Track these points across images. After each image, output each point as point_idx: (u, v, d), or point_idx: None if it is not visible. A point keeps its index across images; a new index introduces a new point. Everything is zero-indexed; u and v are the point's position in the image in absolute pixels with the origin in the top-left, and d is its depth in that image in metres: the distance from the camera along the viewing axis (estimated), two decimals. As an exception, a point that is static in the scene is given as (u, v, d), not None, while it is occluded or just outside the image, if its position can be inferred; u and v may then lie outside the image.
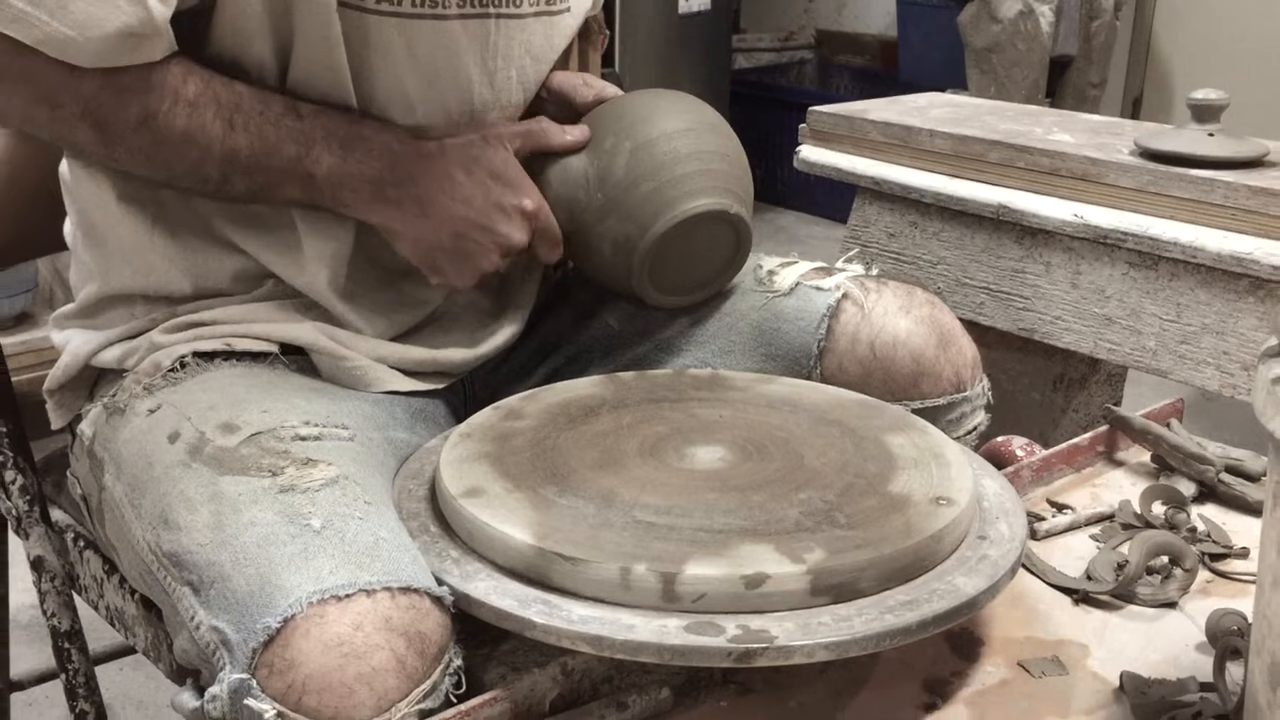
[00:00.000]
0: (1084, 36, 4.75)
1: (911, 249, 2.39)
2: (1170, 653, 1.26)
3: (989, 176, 2.28)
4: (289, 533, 1.16)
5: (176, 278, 1.48)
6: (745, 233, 1.57)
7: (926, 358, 1.56)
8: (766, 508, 1.22)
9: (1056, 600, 1.35)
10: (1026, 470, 1.55)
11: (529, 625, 1.11)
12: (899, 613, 1.12)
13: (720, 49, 5.45)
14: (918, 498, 1.24)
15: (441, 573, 1.17)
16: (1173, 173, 2.05)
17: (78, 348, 1.51)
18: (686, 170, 1.52)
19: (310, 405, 1.37)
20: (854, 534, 1.17)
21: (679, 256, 1.55)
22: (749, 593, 1.11)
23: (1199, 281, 2.01)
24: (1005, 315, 2.27)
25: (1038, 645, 1.27)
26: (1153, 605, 1.34)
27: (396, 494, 1.32)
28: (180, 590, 1.21)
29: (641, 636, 1.08)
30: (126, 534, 1.33)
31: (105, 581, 1.53)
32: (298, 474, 1.24)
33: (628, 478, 1.27)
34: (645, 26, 4.90)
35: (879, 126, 2.44)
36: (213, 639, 1.15)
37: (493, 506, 1.21)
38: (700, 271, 1.60)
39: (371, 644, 1.09)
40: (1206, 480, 1.55)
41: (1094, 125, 2.44)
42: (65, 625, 1.58)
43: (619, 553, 1.13)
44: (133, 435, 1.37)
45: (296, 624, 1.09)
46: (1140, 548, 1.36)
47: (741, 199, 1.57)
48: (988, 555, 1.21)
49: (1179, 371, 2.06)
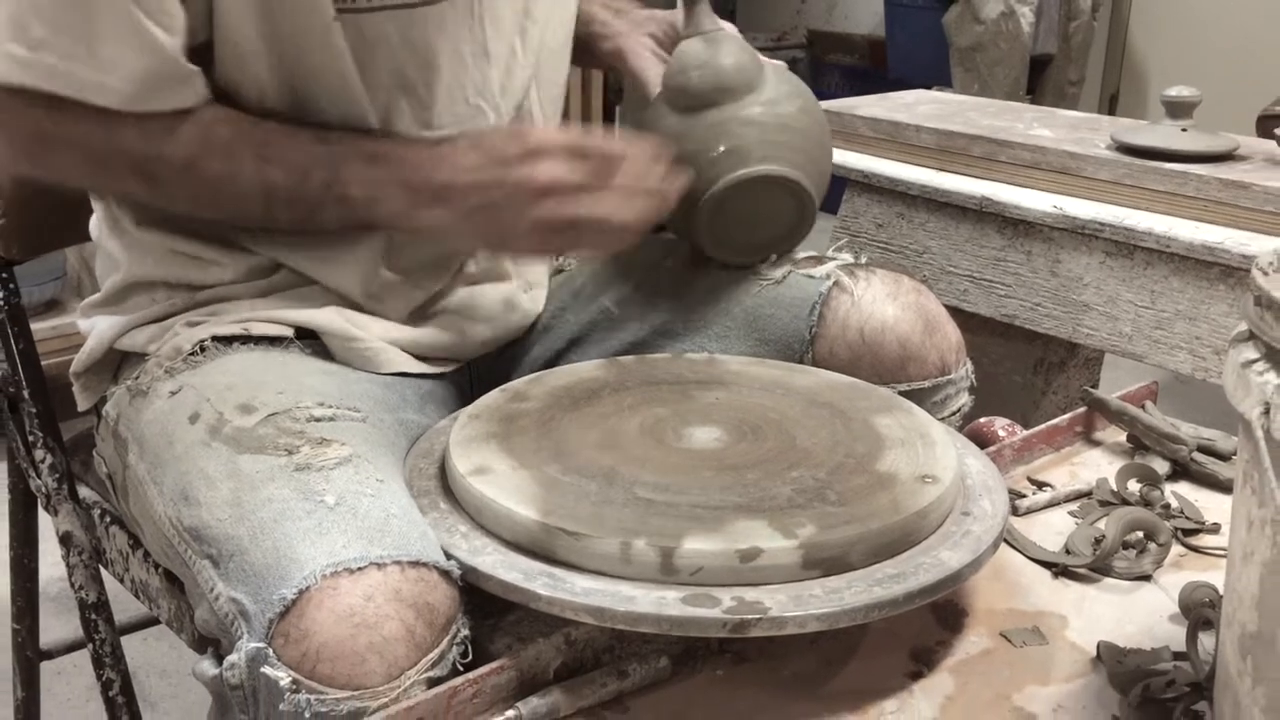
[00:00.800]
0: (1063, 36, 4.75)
1: (899, 239, 2.39)
2: (1145, 624, 1.26)
3: (973, 170, 2.28)
4: (304, 509, 1.17)
5: (195, 272, 1.48)
6: (810, 205, 1.58)
7: (913, 343, 1.56)
8: (760, 485, 1.21)
9: (1037, 574, 1.35)
10: (1008, 450, 1.55)
11: (534, 597, 1.11)
12: (887, 585, 1.12)
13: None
14: (904, 476, 1.24)
15: (451, 547, 1.17)
16: (1148, 166, 2.06)
17: (102, 332, 1.51)
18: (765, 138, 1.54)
19: (324, 387, 1.37)
20: (844, 510, 1.17)
21: (740, 216, 1.56)
22: (744, 566, 1.11)
23: (1172, 270, 2.01)
24: (988, 302, 2.27)
25: (1019, 616, 1.27)
26: (1128, 578, 1.34)
27: (408, 472, 1.32)
28: (200, 563, 1.22)
29: (641, 608, 1.08)
30: (149, 510, 1.33)
31: (130, 556, 1.53)
32: (313, 453, 1.24)
33: (628, 457, 1.27)
34: (643, 27, 4.87)
35: (868, 122, 2.44)
36: (231, 609, 1.15)
37: (499, 484, 1.21)
38: (761, 234, 1.61)
39: (382, 614, 1.09)
40: (1180, 459, 1.55)
41: (1073, 121, 2.44)
42: (92, 597, 1.58)
43: (620, 528, 1.13)
44: (155, 416, 1.37)
45: (311, 595, 1.09)
46: (1116, 523, 1.36)
47: (810, 174, 1.57)
48: (971, 530, 1.21)
49: (1153, 355, 2.06)
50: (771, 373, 1.47)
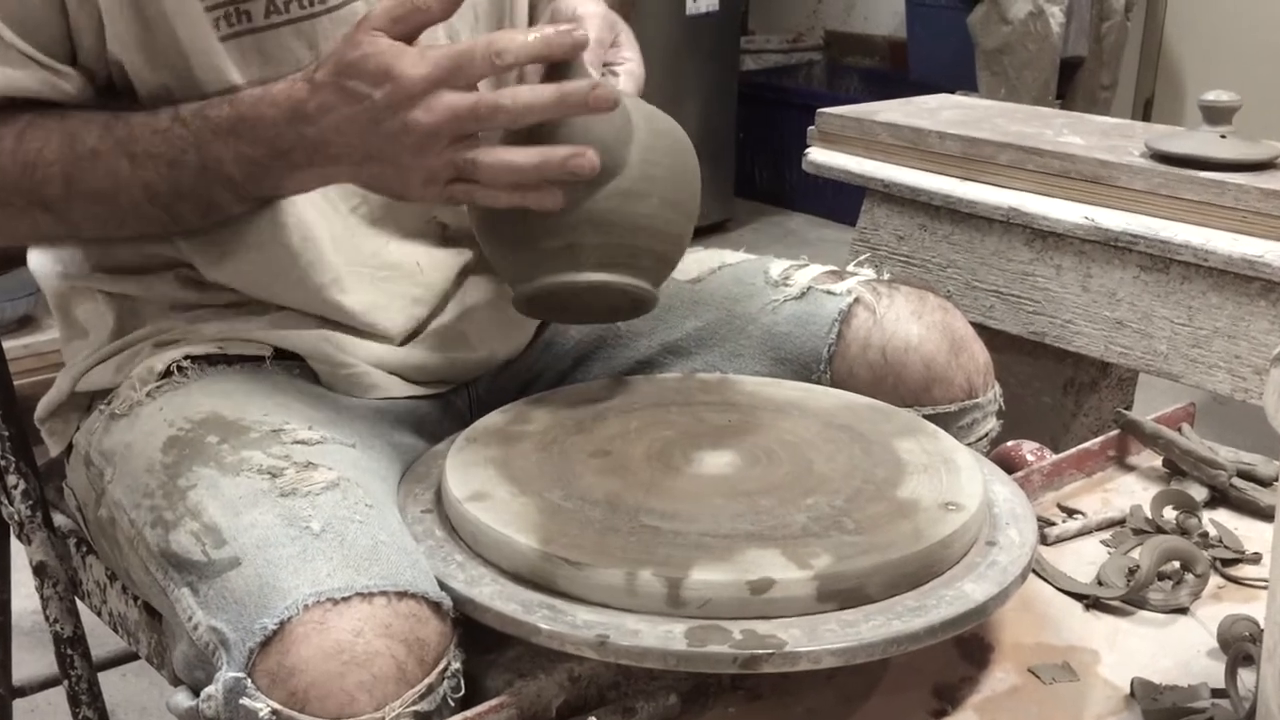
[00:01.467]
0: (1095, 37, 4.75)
1: (921, 252, 2.39)
2: (1182, 659, 1.26)
3: (999, 179, 2.28)
4: (288, 535, 1.17)
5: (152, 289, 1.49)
6: (648, 300, 1.41)
7: (938, 364, 1.56)
8: (774, 513, 1.21)
9: (1067, 606, 1.35)
10: (1037, 475, 1.55)
11: (534, 631, 1.11)
12: (907, 619, 1.12)
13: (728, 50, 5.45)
14: (926, 503, 1.24)
15: (446, 577, 1.17)
16: (1184, 175, 2.05)
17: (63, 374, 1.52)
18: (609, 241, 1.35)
19: (312, 410, 1.38)
20: (862, 539, 1.17)
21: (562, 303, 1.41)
22: (755, 598, 1.10)
23: (1210, 285, 2.01)
24: (1015, 319, 2.27)
25: (1048, 651, 1.27)
26: (1164, 611, 1.34)
27: (401, 498, 1.32)
28: (179, 592, 1.22)
29: (647, 642, 1.08)
30: (126, 536, 1.33)
31: (108, 587, 1.53)
32: (298, 477, 1.24)
33: (634, 482, 1.27)
34: (653, 27, 4.89)
35: (888, 128, 2.44)
36: (211, 639, 1.16)
37: (498, 510, 1.21)
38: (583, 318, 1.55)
39: (372, 650, 1.09)
40: (1218, 485, 1.55)
41: (1105, 127, 2.44)
42: (68, 631, 1.58)
43: (624, 558, 1.13)
44: (132, 439, 1.37)
45: (296, 630, 1.09)
46: (1151, 553, 1.36)
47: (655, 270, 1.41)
48: (997, 561, 1.21)
49: (1190, 375, 2.06)
50: (787, 394, 1.47)
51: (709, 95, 5.19)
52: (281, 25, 1.37)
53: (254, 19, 1.36)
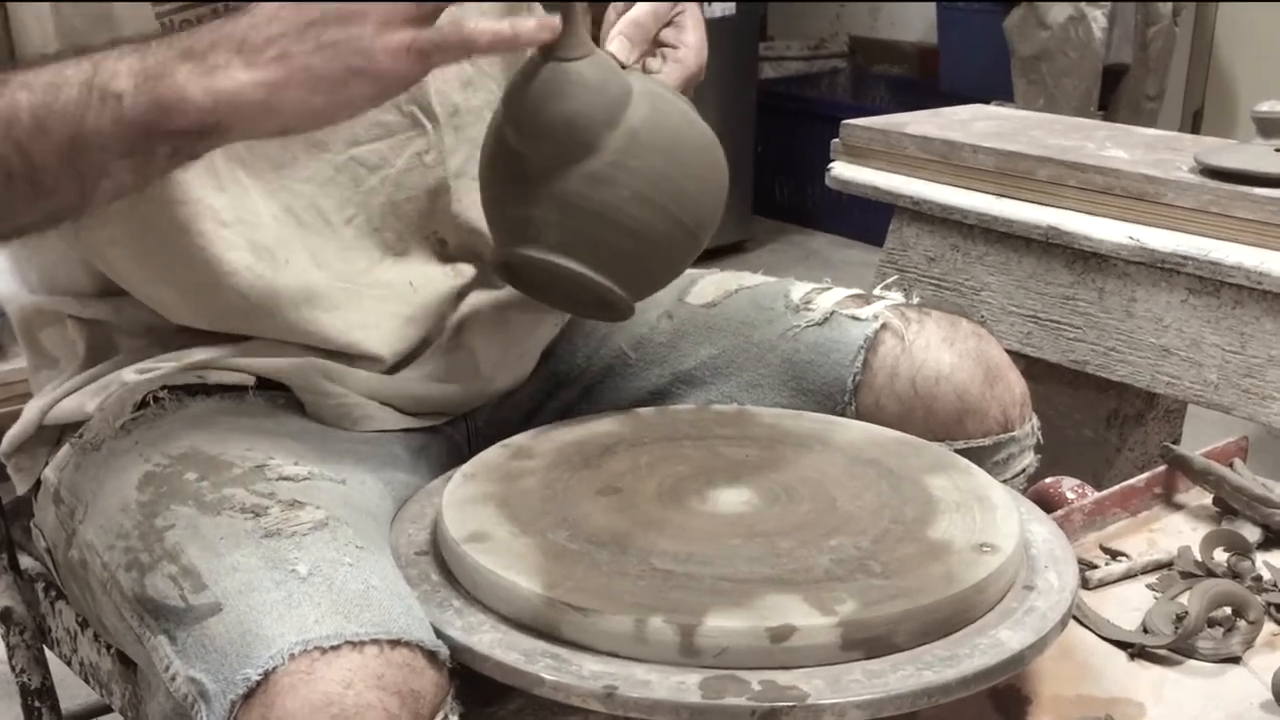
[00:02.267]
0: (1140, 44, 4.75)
1: (953, 274, 2.39)
2: (1234, 711, 1.26)
3: (1037, 196, 2.28)
4: (273, 579, 1.16)
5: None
6: (618, 304, 1.39)
7: (972, 395, 1.56)
8: (795, 555, 1.22)
9: (1110, 655, 1.35)
10: (1078, 514, 1.55)
11: (537, 681, 1.11)
12: (938, 669, 1.12)
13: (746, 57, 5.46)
14: (959, 544, 1.24)
15: (443, 624, 1.17)
16: (1236, 191, 2.05)
17: (30, 407, 1.52)
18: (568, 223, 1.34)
19: (298, 443, 1.38)
20: (889, 583, 1.17)
21: (537, 280, 1.42)
22: (775, 647, 1.11)
23: (1265, 310, 2.00)
24: (1055, 346, 2.27)
25: (1090, 704, 1.27)
26: (1214, 660, 1.34)
27: (394, 539, 1.32)
28: (155, 640, 1.22)
29: (658, 694, 1.08)
30: (99, 580, 1.33)
31: (79, 635, 1.53)
32: (283, 516, 1.24)
33: (645, 522, 1.27)
34: (665, 33, 4.89)
35: (918, 141, 2.44)
36: (190, 690, 1.15)
37: (498, 553, 1.21)
38: (561, 302, 1.52)
39: (363, 703, 1.08)
40: (1273, 524, 1.55)
41: (1151, 140, 2.44)
42: (35, 682, 1.58)
43: (634, 603, 1.13)
44: (105, 475, 1.37)
45: (281, 681, 1.09)
46: (1201, 598, 1.36)
47: (628, 269, 1.38)
48: (1035, 606, 1.21)
49: (1243, 407, 2.06)
50: (809, 427, 1.48)
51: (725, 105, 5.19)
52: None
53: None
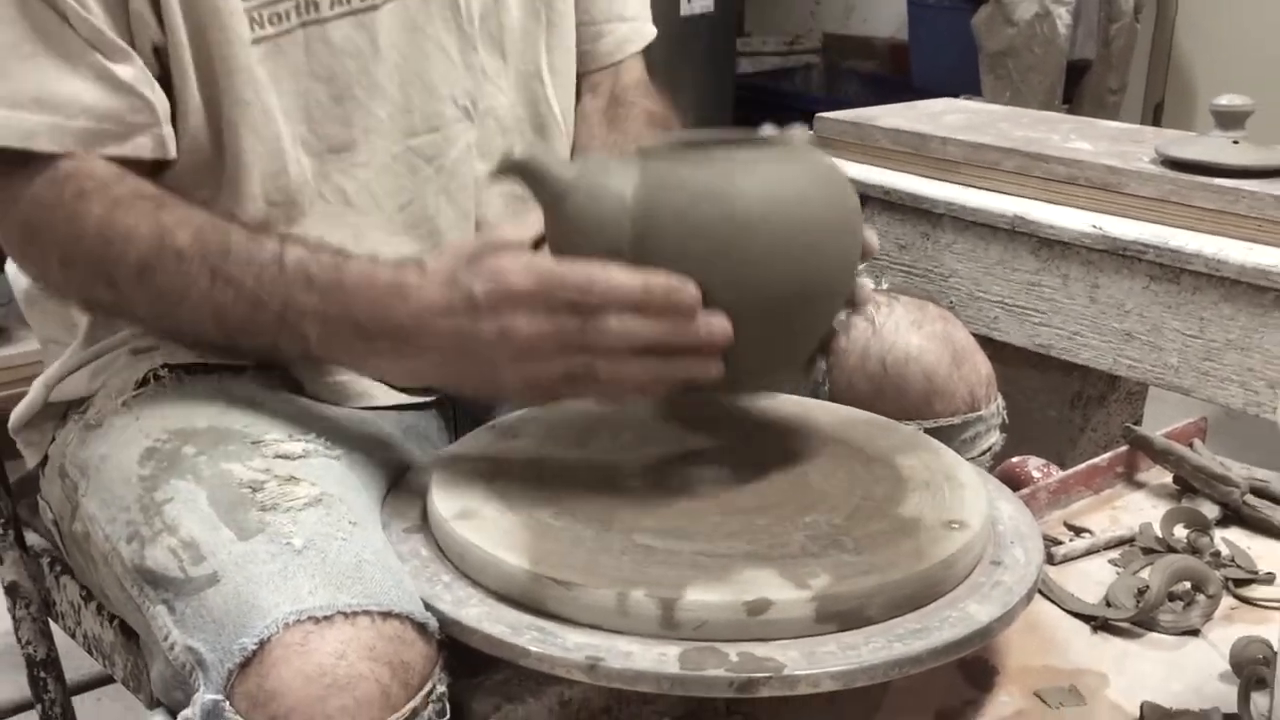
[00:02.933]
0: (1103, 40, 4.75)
1: (923, 261, 2.39)
2: (1193, 682, 1.26)
3: (1004, 186, 2.28)
4: (269, 552, 1.16)
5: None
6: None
7: (939, 375, 1.56)
8: (771, 531, 1.21)
9: (1074, 628, 1.35)
10: (1043, 492, 1.55)
11: (522, 653, 1.11)
12: (908, 641, 1.12)
13: (724, 52, 5.44)
14: (929, 521, 1.23)
15: (432, 598, 1.17)
16: (1196, 182, 2.06)
17: (36, 384, 1.52)
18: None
19: (294, 420, 1.37)
20: (862, 559, 1.17)
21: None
22: (751, 620, 1.10)
23: (1223, 295, 2.01)
24: (1021, 330, 2.27)
25: (1054, 674, 1.27)
26: (1174, 633, 1.34)
27: (386, 515, 1.32)
28: (155, 609, 1.21)
29: (640, 665, 1.08)
30: (100, 552, 1.33)
31: (82, 608, 1.53)
32: (280, 491, 1.23)
33: (627, 500, 1.27)
34: (646, 29, 4.89)
35: (889, 134, 2.44)
36: (188, 659, 1.15)
37: (486, 529, 1.21)
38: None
39: (355, 674, 1.08)
40: (1231, 502, 1.55)
41: (1113, 132, 2.44)
42: (41, 654, 1.58)
43: (617, 578, 1.13)
44: (107, 450, 1.37)
45: (276, 651, 1.09)
46: (1162, 573, 1.36)
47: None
48: (1002, 581, 1.21)
49: (1202, 389, 2.06)
50: (784, 407, 1.47)
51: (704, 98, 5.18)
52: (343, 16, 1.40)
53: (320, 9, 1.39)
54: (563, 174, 1.20)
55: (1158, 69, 5.09)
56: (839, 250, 1.22)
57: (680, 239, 1.16)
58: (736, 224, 1.16)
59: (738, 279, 1.16)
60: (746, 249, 1.16)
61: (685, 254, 1.16)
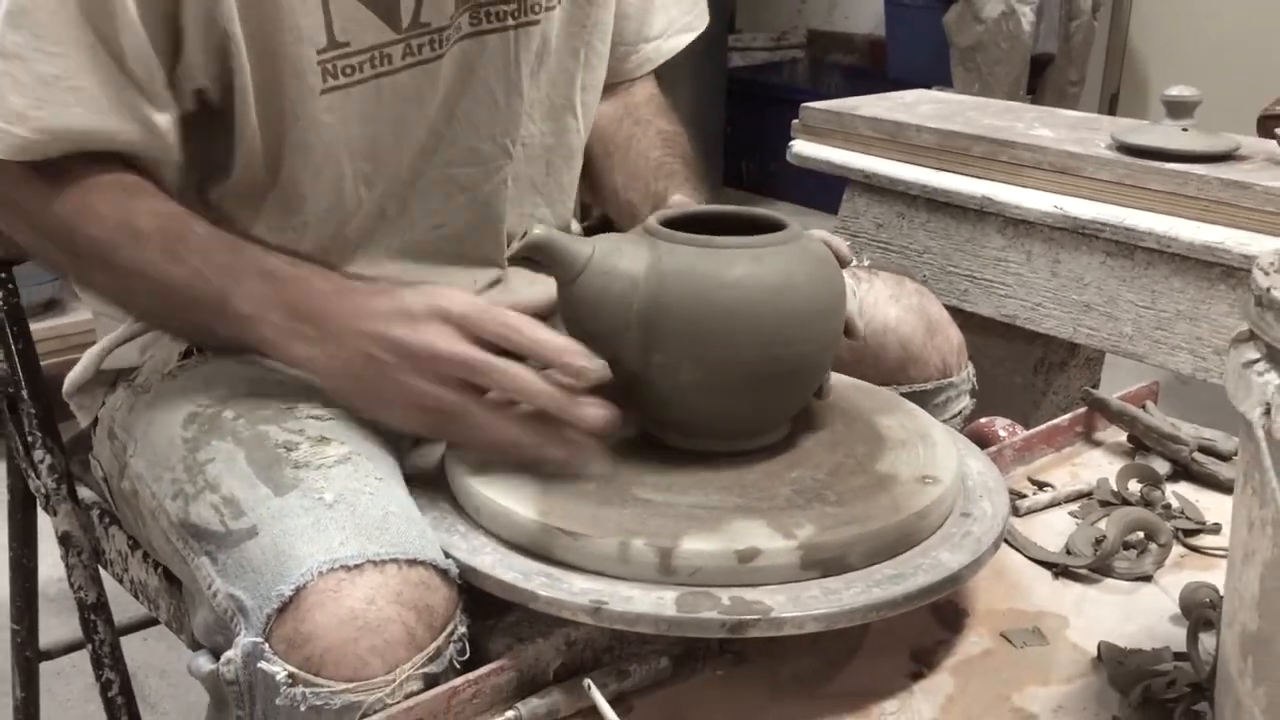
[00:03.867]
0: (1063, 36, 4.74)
1: (899, 239, 2.39)
2: (1146, 624, 1.26)
3: (973, 170, 2.28)
4: (302, 505, 1.16)
5: None
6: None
7: (915, 344, 1.56)
8: (760, 485, 1.21)
9: (1037, 574, 1.35)
10: (1009, 450, 1.55)
11: (532, 597, 1.11)
12: (886, 586, 1.12)
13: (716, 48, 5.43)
14: (904, 476, 1.23)
15: (450, 547, 1.17)
16: (1148, 166, 2.05)
17: (89, 353, 1.52)
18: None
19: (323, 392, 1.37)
20: (843, 511, 1.17)
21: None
22: (742, 567, 1.10)
23: (1173, 270, 2.00)
24: (988, 302, 2.27)
25: (1019, 617, 1.27)
26: (1129, 579, 1.34)
27: (408, 472, 1.32)
28: (199, 560, 1.22)
29: (640, 608, 1.08)
30: (148, 507, 1.33)
31: (129, 556, 1.53)
32: (312, 451, 1.23)
33: (628, 458, 1.26)
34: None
35: (868, 122, 2.44)
36: (230, 605, 1.15)
37: (499, 485, 1.21)
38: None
39: (384, 617, 1.09)
40: (1180, 459, 1.55)
41: (1073, 121, 2.44)
42: (91, 598, 1.58)
43: (618, 528, 1.13)
44: (154, 415, 1.37)
45: (309, 595, 1.09)
46: (1117, 524, 1.36)
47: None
48: (971, 531, 1.21)
49: (1154, 356, 2.06)
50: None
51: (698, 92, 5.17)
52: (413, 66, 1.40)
53: (393, 61, 1.38)
54: (579, 253, 1.20)
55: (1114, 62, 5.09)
56: (825, 331, 1.26)
57: (685, 322, 1.19)
58: (737, 311, 1.19)
59: (735, 358, 1.20)
60: (744, 333, 1.19)
61: (688, 335, 1.19)
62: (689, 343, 1.19)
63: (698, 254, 1.21)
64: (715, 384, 1.21)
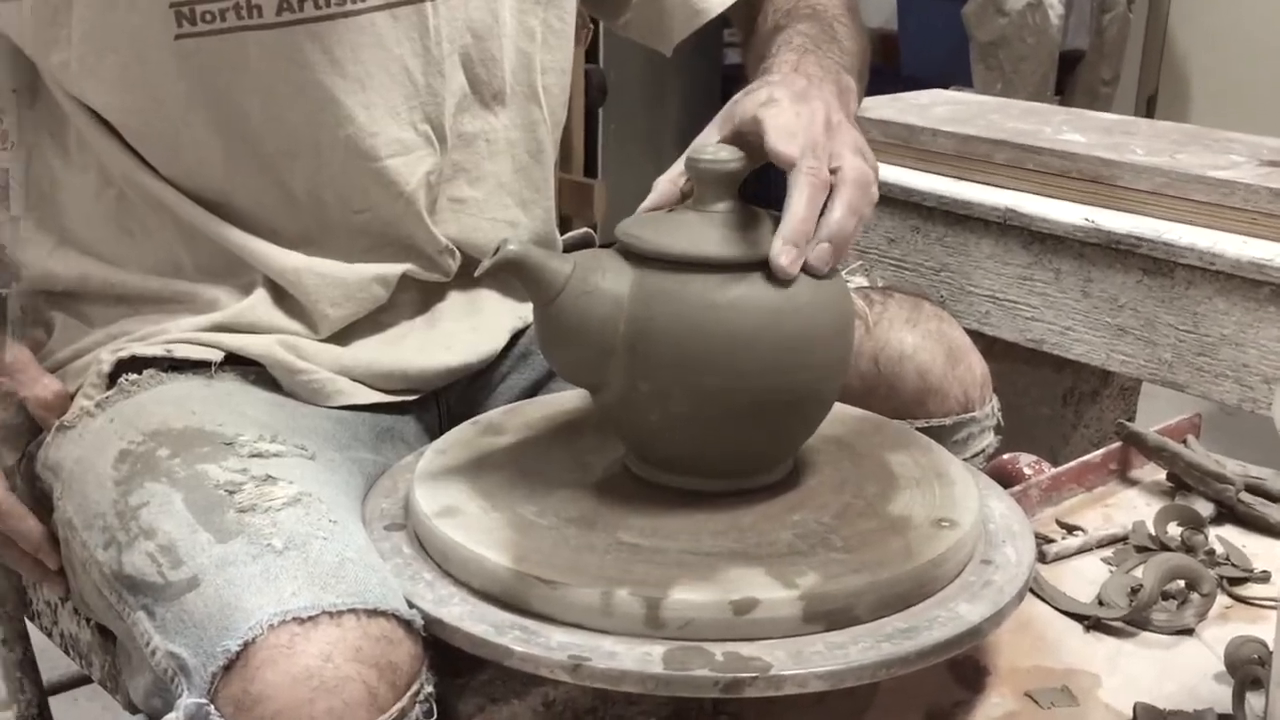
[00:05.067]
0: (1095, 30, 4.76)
1: (913, 255, 2.39)
2: (1187, 682, 1.26)
3: (995, 178, 2.28)
4: (249, 553, 1.16)
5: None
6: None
7: (934, 374, 1.56)
8: (758, 529, 1.21)
9: (1066, 627, 1.35)
10: (1035, 490, 1.55)
11: (506, 653, 1.10)
12: (897, 641, 1.11)
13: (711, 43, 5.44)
14: (919, 519, 1.23)
15: (415, 596, 1.17)
16: (1190, 175, 2.06)
17: None
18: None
19: (268, 420, 1.36)
20: (850, 558, 1.17)
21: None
22: (738, 619, 1.10)
23: (1217, 290, 2.01)
24: (1012, 325, 2.27)
25: (1046, 674, 1.27)
26: (1168, 632, 1.34)
27: (367, 514, 1.32)
28: (135, 615, 1.21)
29: (624, 665, 1.07)
30: (79, 559, 1.32)
31: (59, 608, 1.52)
32: (257, 492, 1.23)
33: (612, 497, 1.26)
34: (632, 19, 4.89)
35: (878, 125, 2.44)
36: (170, 665, 1.15)
37: (468, 527, 1.21)
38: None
39: (342, 676, 1.08)
40: (1225, 500, 1.55)
41: (1106, 124, 2.45)
42: (17, 654, 1.58)
43: (601, 576, 1.13)
44: (82, 453, 1.36)
45: (261, 654, 1.08)
46: (1155, 571, 1.36)
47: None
48: (993, 580, 1.21)
49: (1196, 385, 2.06)
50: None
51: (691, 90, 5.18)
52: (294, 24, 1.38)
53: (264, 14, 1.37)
54: (558, 271, 1.20)
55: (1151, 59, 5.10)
56: (830, 359, 1.25)
57: (674, 345, 1.18)
58: (730, 336, 1.18)
59: (730, 386, 1.19)
60: (739, 359, 1.18)
61: (677, 361, 1.18)
62: (679, 369, 1.19)
63: (688, 277, 1.20)
64: (708, 416, 1.21)
